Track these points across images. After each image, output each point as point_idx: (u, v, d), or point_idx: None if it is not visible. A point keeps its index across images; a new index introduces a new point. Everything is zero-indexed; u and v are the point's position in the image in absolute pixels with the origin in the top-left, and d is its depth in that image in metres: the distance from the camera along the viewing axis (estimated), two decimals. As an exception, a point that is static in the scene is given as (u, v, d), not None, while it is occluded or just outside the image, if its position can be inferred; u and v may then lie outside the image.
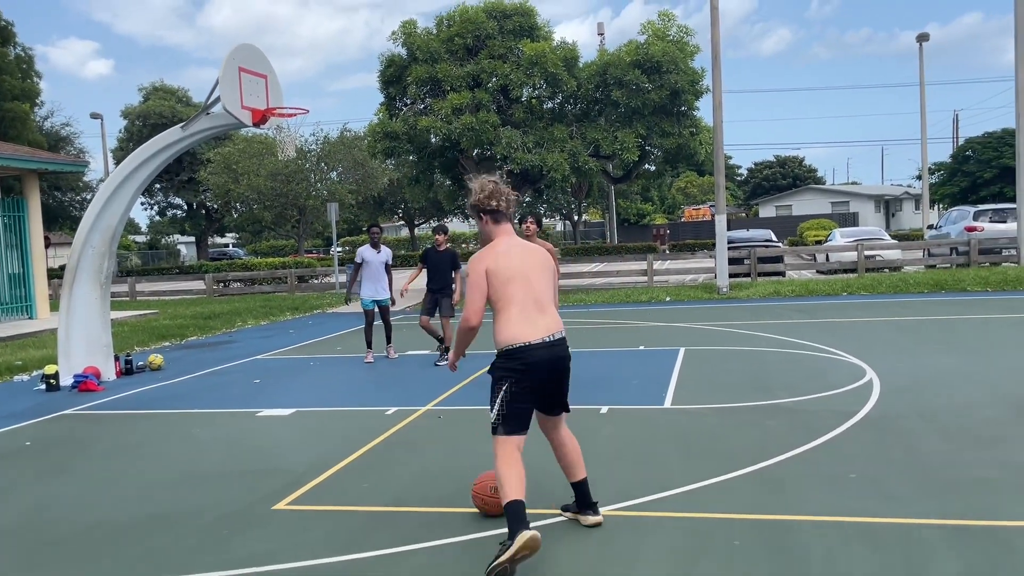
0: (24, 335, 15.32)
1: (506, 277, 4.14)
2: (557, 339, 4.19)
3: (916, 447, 5.66)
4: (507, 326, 4.13)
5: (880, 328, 11.80)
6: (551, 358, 4.16)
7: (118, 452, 6.64)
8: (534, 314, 4.16)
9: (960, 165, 42.16)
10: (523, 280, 4.17)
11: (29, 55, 33.68)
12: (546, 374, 4.17)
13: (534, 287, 4.20)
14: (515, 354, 4.10)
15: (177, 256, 64.65)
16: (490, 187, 4.31)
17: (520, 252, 4.26)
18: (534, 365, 4.10)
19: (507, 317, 4.13)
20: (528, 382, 4.11)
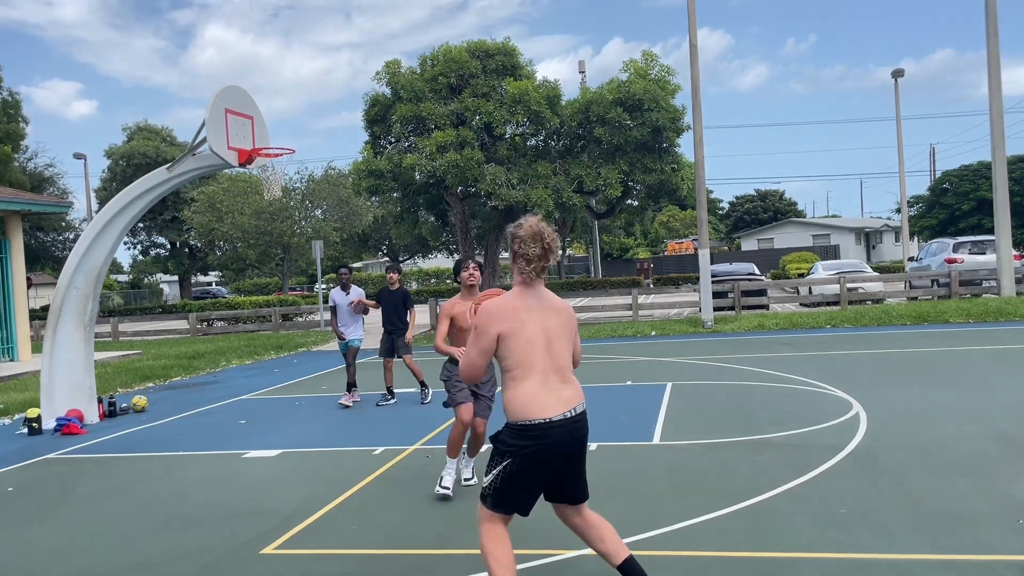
0: (5, 377, 15.12)
1: (526, 341, 3.56)
2: (578, 414, 3.59)
3: (905, 481, 5.67)
4: (522, 395, 3.53)
5: (865, 361, 11.87)
6: (571, 439, 3.56)
7: (101, 497, 6.54)
8: (553, 382, 3.58)
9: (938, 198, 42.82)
10: (547, 344, 3.60)
11: (16, 99, 33.72)
12: (563, 458, 3.57)
13: (556, 352, 3.62)
14: (530, 432, 3.49)
15: (160, 295, 64.25)
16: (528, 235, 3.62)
17: (539, 307, 3.66)
18: (551, 447, 3.51)
19: (523, 384, 3.54)
20: (539, 466, 3.52)
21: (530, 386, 3.53)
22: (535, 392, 3.52)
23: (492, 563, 3.52)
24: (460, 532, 5.12)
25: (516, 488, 3.55)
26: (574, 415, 3.56)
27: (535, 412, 3.49)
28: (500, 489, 3.55)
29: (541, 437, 3.48)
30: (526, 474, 3.52)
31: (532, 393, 3.52)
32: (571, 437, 3.55)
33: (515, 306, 3.62)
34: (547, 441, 3.48)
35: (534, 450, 3.48)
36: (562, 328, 3.67)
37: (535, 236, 3.62)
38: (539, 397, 3.51)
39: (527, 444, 3.48)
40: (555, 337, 3.62)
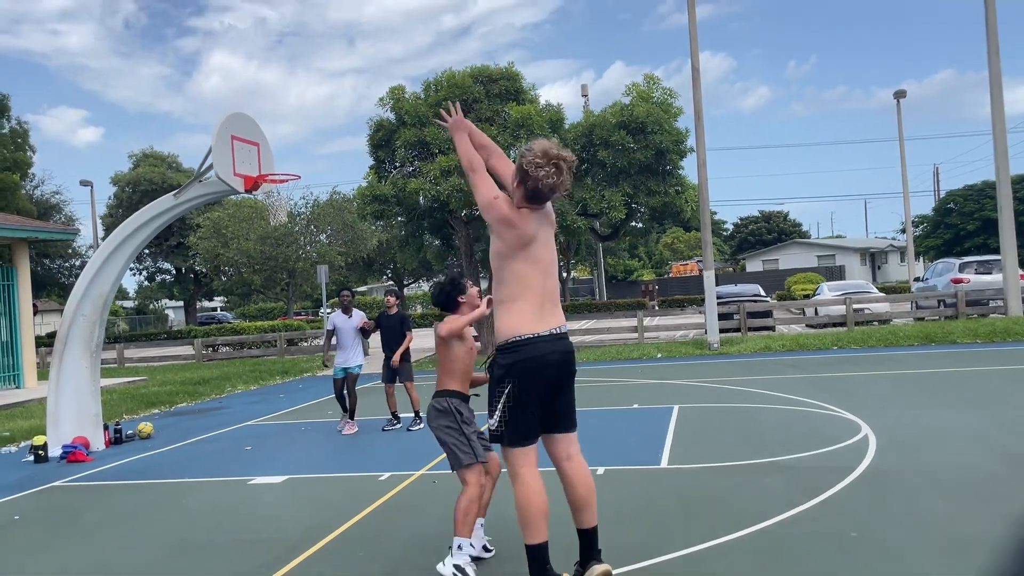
0: (11, 405, 15.13)
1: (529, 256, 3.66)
2: (563, 332, 3.76)
3: (916, 503, 5.63)
4: (517, 315, 3.63)
5: (873, 382, 11.81)
6: (559, 351, 3.70)
7: (107, 525, 6.51)
8: (547, 307, 3.73)
9: (943, 218, 42.82)
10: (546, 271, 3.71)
11: (24, 128, 34.03)
12: (554, 369, 3.68)
13: (551, 277, 3.77)
14: (520, 347, 3.58)
15: (165, 321, 64.35)
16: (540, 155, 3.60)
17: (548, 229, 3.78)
18: (542, 361, 3.61)
19: (519, 306, 3.63)
20: (535, 378, 3.61)
21: (523, 307, 3.65)
22: (527, 312, 3.67)
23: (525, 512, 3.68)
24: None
25: (523, 411, 3.60)
26: (560, 332, 3.73)
27: (525, 328, 3.64)
28: (512, 420, 3.57)
29: (532, 348, 3.61)
30: (526, 391, 3.60)
31: (525, 312, 3.66)
32: (559, 350, 3.70)
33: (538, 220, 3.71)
34: (539, 352, 3.61)
35: (527, 364, 3.59)
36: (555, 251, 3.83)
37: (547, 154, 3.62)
38: (530, 318, 3.68)
39: (520, 358, 3.60)
40: (551, 264, 3.78)
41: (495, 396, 3.66)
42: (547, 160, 3.59)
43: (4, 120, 32.18)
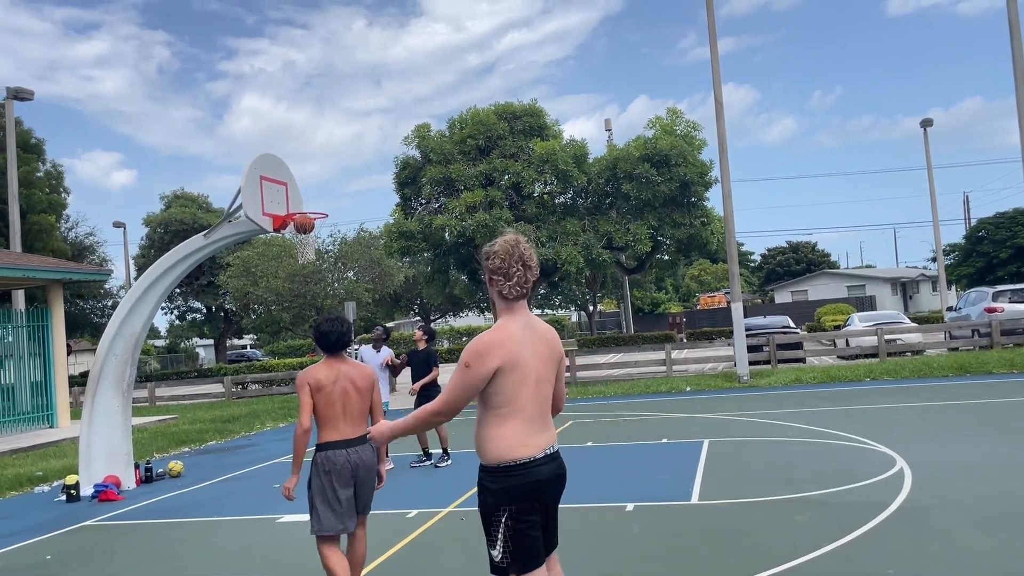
0: (45, 444, 15.31)
1: (520, 377, 3.30)
2: (555, 451, 3.43)
3: (954, 539, 5.49)
4: (511, 436, 3.30)
5: (907, 414, 11.61)
6: (554, 476, 3.38)
7: (137, 564, 6.54)
8: (539, 424, 3.37)
9: (974, 246, 42.26)
10: (536, 383, 3.36)
11: (59, 171, 34.88)
12: (546, 496, 3.37)
13: (543, 391, 3.40)
14: (515, 472, 3.29)
15: (196, 359, 64.98)
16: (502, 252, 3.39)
17: (532, 341, 3.39)
18: (540, 482, 3.32)
19: (511, 425, 3.30)
20: (532, 501, 3.30)
21: (517, 426, 3.29)
22: (521, 432, 3.30)
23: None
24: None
25: (527, 537, 3.27)
26: (552, 452, 3.38)
27: (521, 452, 3.29)
28: (516, 550, 3.26)
29: (528, 474, 3.28)
30: (525, 517, 3.28)
31: (519, 432, 3.29)
32: (555, 474, 3.37)
33: (511, 336, 3.31)
34: (535, 477, 3.29)
35: (525, 489, 3.28)
36: (549, 363, 3.43)
37: (510, 251, 3.38)
38: (524, 438, 3.30)
39: (514, 484, 3.27)
40: (543, 375, 3.40)
41: (492, 528, 3.32)
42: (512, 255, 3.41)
43: (40, 163, 33.00)
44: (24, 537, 7.87)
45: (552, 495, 3.39)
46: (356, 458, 4.87)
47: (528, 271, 3.38)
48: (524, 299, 3.43)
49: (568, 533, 6.39)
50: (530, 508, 3.28)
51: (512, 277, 3.36)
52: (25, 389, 17.84)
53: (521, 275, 3.36)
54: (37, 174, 31.89)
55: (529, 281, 3.39)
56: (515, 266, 3.36)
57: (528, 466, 3.27)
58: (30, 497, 10.38)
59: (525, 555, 3.25)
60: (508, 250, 3.37)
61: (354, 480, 4.88)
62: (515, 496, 3.26)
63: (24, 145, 30.50)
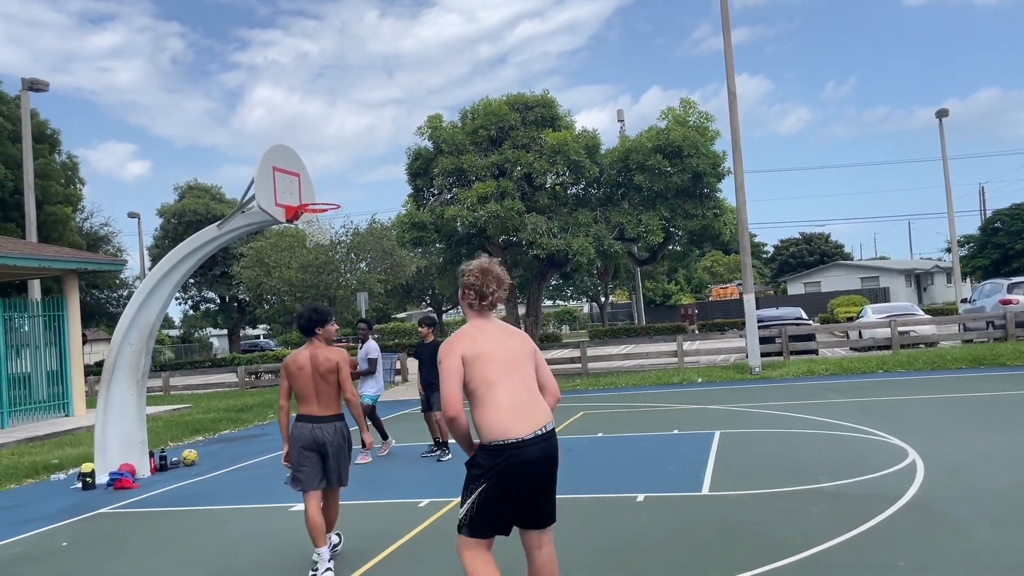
0: (61, 432, 15.46)
1: (486, 359, 3.65)
2: (548, 431, 3.65)
3: (966, 532, 5.48)
4: (493, 415, 3.57)
5: (920, 406, 11.56)
6: (543, 457, 3.60)
7: (153, 551, 6.61)
8: (524, 400, 3.63)
9: (990, 237, 41.90)
10: (508, 363, 3.68)
11: (74, 162, 35.06)
12: (535, 476, 3.61)
13: (522, 370, 3.71)
14: (501, 451, 3.52)
15: (210, 349, 65.37)
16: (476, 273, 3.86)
17: (499, 334, 3.80)
18: (524, 465, 3.55)
19: (491, 404, 3.57)
20: (513, 485, 3.55)
21: (498, 402, 3.57)
22: (505, 408, 3.57)
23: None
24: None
25: (493, 511, 3.58)
26: (544, 432, 3.61)
27: (509, 432, 3.54)
28: (478, 515, 3.59)
29: (516, 456, 3.52)
30: (501, 496, 3.56)
31: (503, 409, 3.56)
32: (544, 455, 3.60)
33: (471, 333, 3.76)
34: (522, 459, 3.52)
35: (508, 469, 3.53)
36: (520, 352, 3.77)
37: (485, 271, 3.84)
38: (510, 415, 3.56)
39: (501, 463, 3.52)
40: (516, 357, 3.72)
41: (469, 489, 3.64)
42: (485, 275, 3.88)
43: (55, 154, 33.18)
44: (40, 524, 7.96)
45: (541, 474, 3.63)
46: (320, 434, 5.55)
47: (501, 289, 3.86)
48: (492, 309, 3.88)
49: (579, 523, 6.41)
50: (508, 493, 3.56)
51: (487, 296, 3.82)
52: (41, 378, 18.00)
53: (495, 292, 3.83)
54: (53, 165, 32.06)
55: (502, 298, 3.86)
56: (491, 285, 3.82)
57: (517, 446, 3.53)
58: (46, 485, 10.50)
59: (483, 524, 3.61)
60: (484, 269, 3.85)
61: (320, 453, 5.57)
62: (498, 475, 3.53)
63: (40, 136, 30.68)
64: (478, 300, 3.83)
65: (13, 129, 30.10)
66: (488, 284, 3.82)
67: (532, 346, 3.87)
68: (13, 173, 29.47)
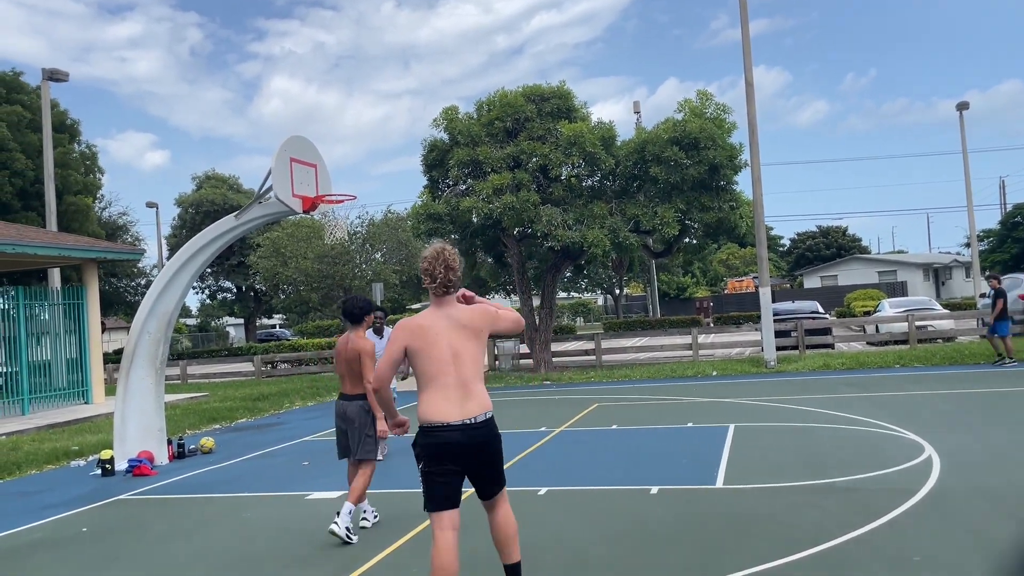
0: (80, 420, 15.65)
1: (427, 355, 4.05)
2: (479, 422, 4.06)
3: (982, 528, 5.47)
4: (428, 404, 4.06)
5: (936, 401, 11.50)
6: (469, 441, 4.03)
7: (173, 537, 6.70)
8: (455, 394, 4.05)
9: (1010, 231, 41.51)
10: (446, 360, 4.06)
11: (93, 152, 35.32)
12: (465, 457, 4.06)
13: (461, 365, 4.08)
14: (430, 433, 4.05)
15: (226, 338, 65.84)
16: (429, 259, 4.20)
17: (447, 326, 4.10)
18: (449, 447, 4.02)
19: (429, 395, 4.07)
20: (444, 460, 4.05)
21: (434, 395, 4.06)
22: (437, 401, 4.05)
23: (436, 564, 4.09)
24: (529, 570, 5.08)
25: (435, 484, 4.09)
26: (473, 423, 4.04)
27: (435, 416, 4.04)
28: (428, 493, 4.12)
29: (439, 436, 4.03)
30: (436, 469, 4.08)
31: (435, 401, 4.05)
32: (469, 439, 4.04)
33: (423, 324, 4.13)
34: (445, 439, 4.02)
35: (435, 447, 4.05)
36: (468, 341, 4.13)
37: (436, 256, 4.17)
38: (440, 405, 4.04)
39: (429, 442, 4.06)
40: (461, 351, 4.10)
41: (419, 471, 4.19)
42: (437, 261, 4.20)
43: (75, 144, 33.44)
44: (61, 510, 8.08)
45: (471, 458, 4.08)
46: (341, 409, 6.52)
47: (450, 272, 4.16)
48: (447, 294, 4.19)
49: (593, 514, 6.45)
50: (442, 465, 4.05)
51: (436, 279, 4.13)
52: (61, 365, 18.22)
53: (443, 276, 4.13)
54: (72, 155, 32.31)
55: (451, 281, 4.17)
56: (439, 268, 4.13)
57: (441, 428, 4.02)
58: (66, 471, 10.64)
59: (432, 496, 4.10)
60: (435, 254, 4.18)
61: (345, 427, 6.48)
62: (429, 453, 4.07)
63: (60, 126, 30.93)
64: (431, 283, 4.17)
65: (33, 119, 30.35)
66: (437, 268, 4.13)
67: (482, 324, 4.18)
68: (34, 163, 29.73)
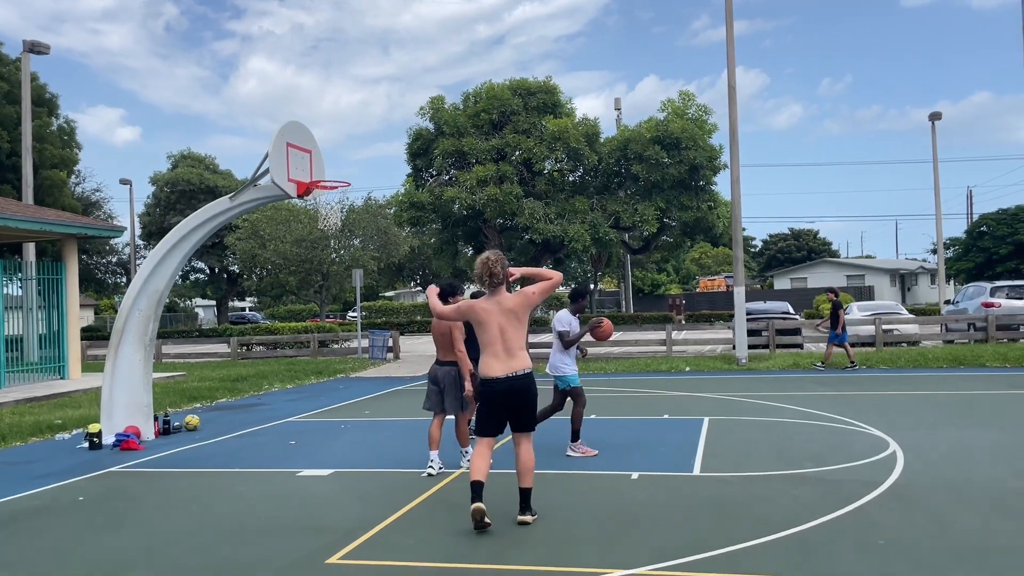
0: (59, 394, 15.68)
1: (484, 326, 5.85)
2: (518, 375, 5.81)
3: (943, 516, 5.86)
4: (485, 363, 5.86)
5: (901, 401, 11.98)
6: (508, 390, 5.79)
7: (169, 508, 6.91)
8: (505, 358, 5.83)
9: (975, 241, 42.47)
10: (498, 330, 5.82)
11: (71, 127, 34.97)
12: (508, 400, 5.81)
13: (507, 334, 5.84)
14: (484, 383, 5.87)
15: (195, 319, 65.41)
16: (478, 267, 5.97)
17: (496, 308, 5.86)
18: (496, 393, 5.81)
19: (486, 358, 5.86)
20: (494, 403, 5.84)
21: (488, 357, 5.85)
22: (490, 362, 5.83)
23: (472, 466, 5.81)
24: (515, 549, 5.40)
25: (485, 419, 5.92)
26: (513, 375, 5.79)
27: (487, 372, 5.84)
28: (478, 421, 5.97)
29: (491, 386, 5.81)
30: (487, 409, 5.90)
31: (488, 362, 5.84)
32: (510, 388, 5.78)
33: (483, 307, 5.92)
34: (495, 388, 5.80)
35: (488, 394, 5.86)
36: (511, 320, 5.84)
37: (481, 265, 5.92)
38: (491, 364, 5.82)
39: (484, 390, 5.88)
40: (506, 327, 5.84)
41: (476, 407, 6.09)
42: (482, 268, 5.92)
43: (53, 118, 33.08)
44: (53, 480, 8.24)
45: (509, 399, 5.80)
46: (433, 372, 7.84)
47: (493, 277, 5.88)
48: (497, 288, 5.93)
49: (577, 496, 6.77)
50: (491, 407, 5.86)
51: (483, 281, 5.93)
52: (37, 341, 18.18)
53: (488, 280, 5.90)
54: (50, 129, 31.99)
55: (496, 281, 5.88)
56: (484, 275, 5.90)
57: (491, 381, 5.82)
58: (52, 443, 10.75)
59: (480, 427, 5.96)
60: (480, 264, 5.96)
61: (439, 387, 7.74)
62: (484, 396, 5.92)
63: (38, 100, 30.59)
64: (481, 284, 6.01)
65: (10, 91, 30.00)
66: (484, 275, 5.92)
67: (522, 308, 5.90)
68: (10, 135, 29.42)
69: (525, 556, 5.25)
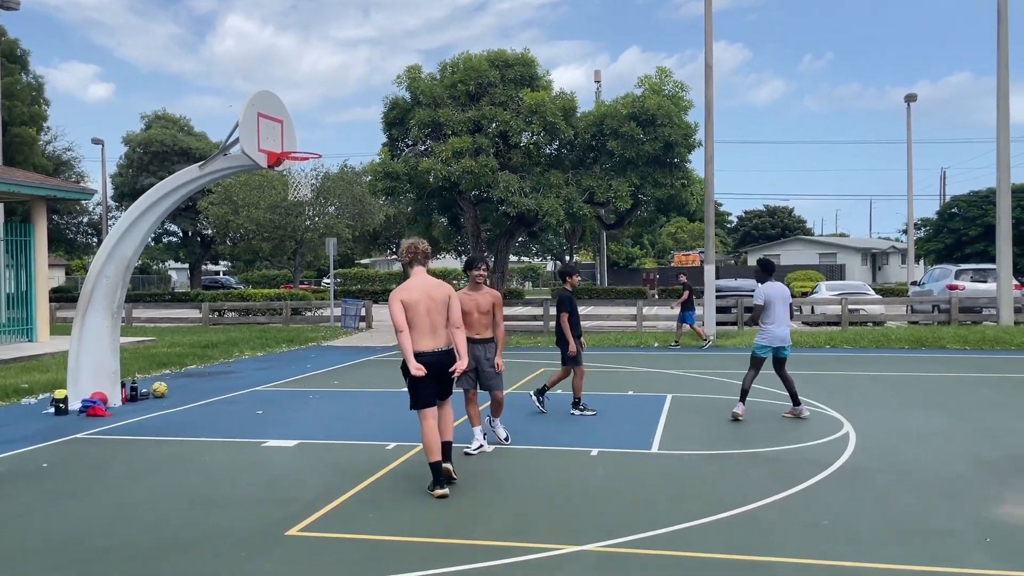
0: (26, 358, 15.59)
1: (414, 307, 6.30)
2: (440, 350, 6.35)
3: (887, 498, 6.07)
4: (415, 340, 6.29)
5: (860, 382, 12.26)
6: (437, 362, 6.32)
7: (132, 476, 6.97)
8: (430, 335, 6.34)
9: (946, 222, 43.05)
10: (426, 311, 6.31)
11: (40, 83, 34.32)
12: (434, 373, 6.28)
13: (433, 314, 6.34)
14: (417, 357, 6.27)
15: (168, 282, 64.84)
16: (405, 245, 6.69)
17: (425, 287, 6.40)
18: (425, 365, 6.24)
19: (414, 335, 6.30)
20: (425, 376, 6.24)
21: (415, 334, 6.28)
22: (417, 338, 6.28)
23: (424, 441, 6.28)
24: (471, 523, 5.54)
25: (419, 392, 6.30)
26: (437, 350, 6.32)
27: (417, 347, 6.27)
28: (415, 395, 6.35)
29: (420, 360, 6.23)
30: (419, 382, 6.26)
31: (416, 339, 6.28)
32: (437, 361, 6.30)
33: (408, 287, 6.41)
34: (424, 361, 6.23)
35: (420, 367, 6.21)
36: (438, 300, 6.37)
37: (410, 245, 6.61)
38: (419, 341, 6.29)
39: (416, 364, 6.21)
40: (432, 307, 6.34)
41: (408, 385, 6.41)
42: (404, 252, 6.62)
43: (23, 74, 32.43)
44: (18, 445, 8.25)
45: (436, 374, 6.29)
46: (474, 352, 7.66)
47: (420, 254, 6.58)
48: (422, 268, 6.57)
49: (537, 471, 6.92)
50: (423, 380, 6.23)
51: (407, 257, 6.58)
52: (5, 301, 18.01)
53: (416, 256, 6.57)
54: (19, 85, 31.37)
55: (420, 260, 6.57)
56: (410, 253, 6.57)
57: (420, 355, 6.25)
58: (18, 408, 10.74)
59: (418, 400, 6.35)
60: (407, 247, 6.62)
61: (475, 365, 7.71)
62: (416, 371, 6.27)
63: (9, 55, 29.95)
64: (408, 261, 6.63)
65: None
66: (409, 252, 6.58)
67: (446, 295, 6.44)
68: (-23, 91, 28.83)
69: (480, 531, 5.39)
